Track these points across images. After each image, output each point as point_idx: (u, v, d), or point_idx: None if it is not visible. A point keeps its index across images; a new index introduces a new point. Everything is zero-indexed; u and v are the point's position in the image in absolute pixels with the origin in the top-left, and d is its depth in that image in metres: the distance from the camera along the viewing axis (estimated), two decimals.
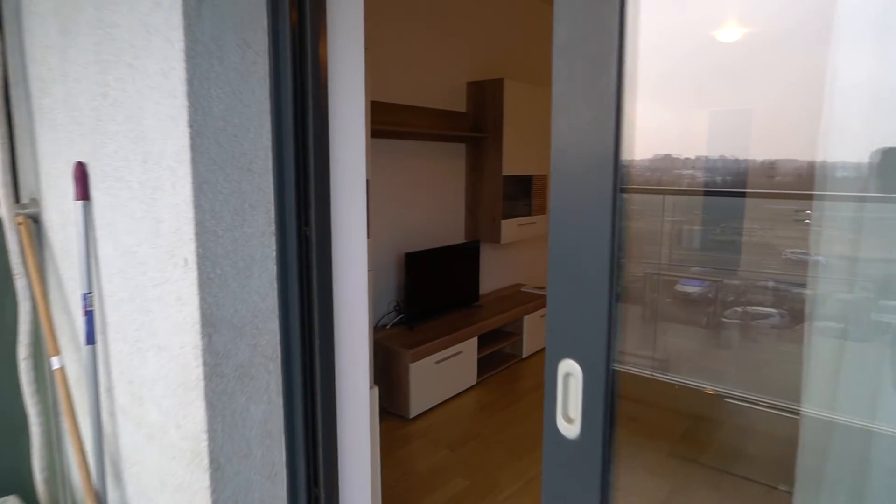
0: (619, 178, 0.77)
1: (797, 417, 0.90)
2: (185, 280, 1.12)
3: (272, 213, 1.20)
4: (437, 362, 3.19)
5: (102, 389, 1.46)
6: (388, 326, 3.37)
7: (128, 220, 1.26)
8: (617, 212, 0.78)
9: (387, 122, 3.27)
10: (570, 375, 0.89)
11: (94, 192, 1.36)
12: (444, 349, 3.21)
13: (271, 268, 1.21)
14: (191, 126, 1.06)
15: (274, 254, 1.21)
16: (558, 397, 0.91)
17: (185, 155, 1.07)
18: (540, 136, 4.23)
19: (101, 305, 1.41)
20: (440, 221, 3.82)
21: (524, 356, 4.03)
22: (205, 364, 1.12)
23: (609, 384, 0.83)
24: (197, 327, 1.11)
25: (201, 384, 1.13)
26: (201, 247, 1.09)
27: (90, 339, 1.41)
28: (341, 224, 1.33)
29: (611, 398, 0.84)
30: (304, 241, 1.21)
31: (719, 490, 1.87)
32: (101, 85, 1.26)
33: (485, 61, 4.06)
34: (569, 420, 0.90)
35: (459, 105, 3.85)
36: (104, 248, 1.36)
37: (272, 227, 1.20)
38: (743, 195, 1.78)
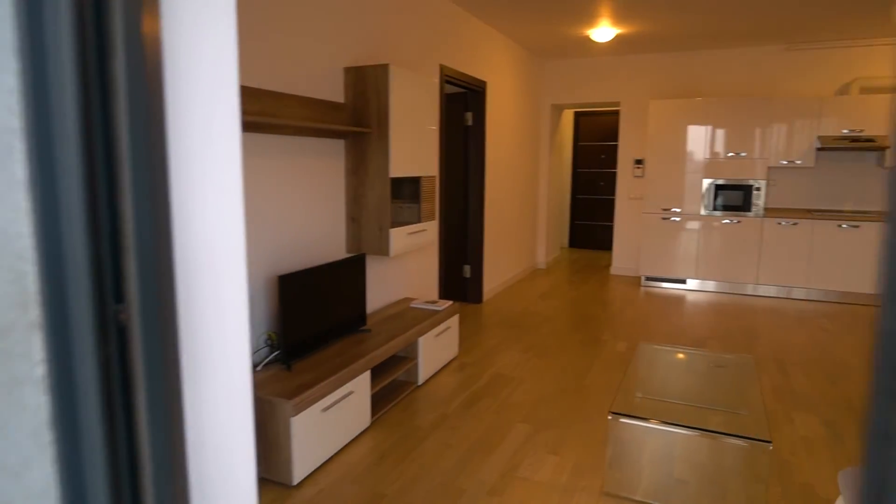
0: None
1: None
2: None
3: (29, 284, 0.58)
4: (325, 409, 2.59)
5: None
6: (260, 367, 2.70)
7: None
8: None
9: (248, 111, 2.60)
10: None
11: None
12: (332, 391, 2.63)
13: (40, 409, 0.59)
14: None
15: (40, 373, 0.59)
16: None
17: None
18: (429, 133, 3.76)
19: None
20: (318, 234, 3.20)
21: (420, 382, 3.55)
22: None
23: None
24: None
25: None
26: None
27: None
28: (201, 284, 0.74)
29: None
30: (110, 340, 0.60)
31: None
32: None
33: (366, 43, 3.50)
34: None
35: (336, 94, 3.25)
36: None
37: (30, 315, 0.58)
38: None
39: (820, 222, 5.65)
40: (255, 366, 2.73)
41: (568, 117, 8.98)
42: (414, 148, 3.50)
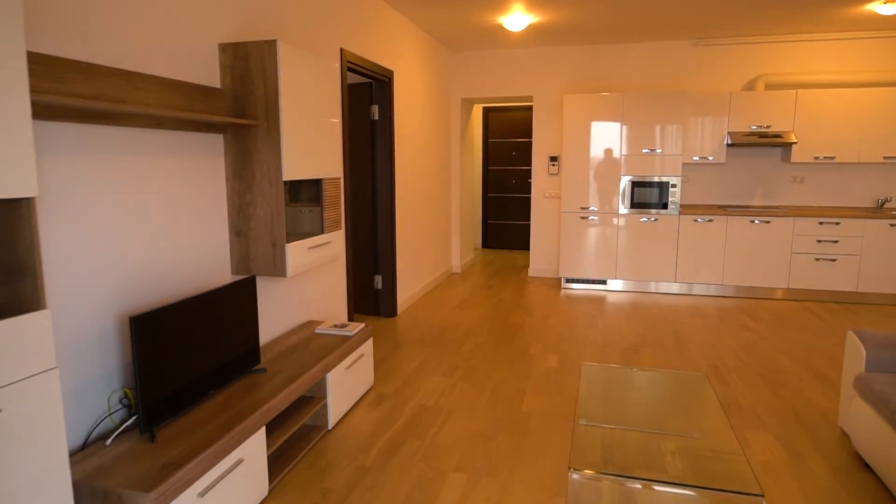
0: None
1: None
2: None
3: None
4: (202, 493, 1.95)
5: None
6: (111, 440, 2.01)
7: None
8: None
9: (80, 94, 1.90)
10: None
11: None
12: (213, 466, 1.99)
13: None
14: None
15: None
16: None
17: None
18: (330, 127, 3.17)
19: None
20: (191, 255, 2.52)
21: (331, 426, 2.96)
22: None
23: None
24: None
25: None
26: None
27: None
28: None
29: None
30: None
31: None
32: None
33: (248, 13, 2.85)
34: None
35: (210, 76, 2.59)
36: None
37: None
38: None
39: (734, 218, 5.62)
40: (100, 439, 2.03)
41: (477, 113, 8.62)
42: (312, 144, 2.90)
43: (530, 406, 3.24)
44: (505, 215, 8.75)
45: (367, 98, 4.77)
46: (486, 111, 8.58)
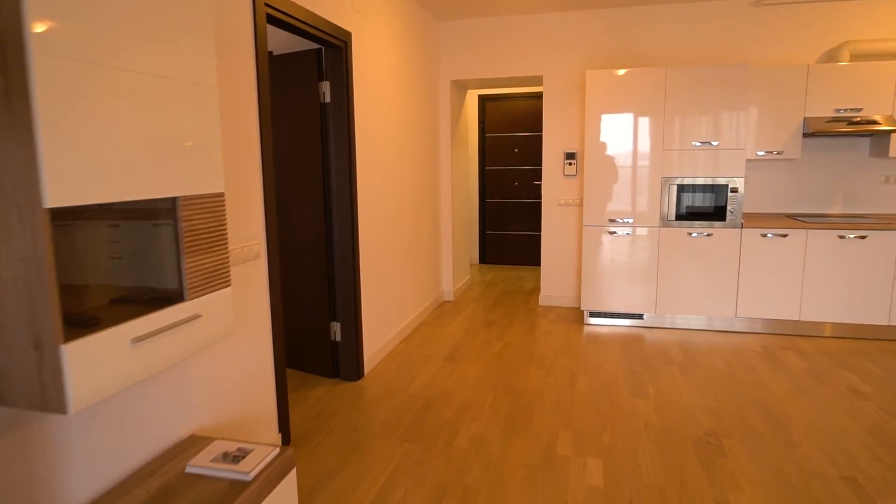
0: None
1: None
2: None
3: None
4: None
5: None
6: None
7: None
8: None
9: None
10: None
11: None
12: None
13: None
14: None
15: None
16: None
17: None
18: (192, 93, 1.72)
19: None
20: None
21: None
22: None
23: None
24: None
25: None
26: None
27: None
28: None
29: None
30: None
31: None
32: None
33: None
34: None
35: None
36: None
37: None
38: None
39: (816, 232, 4.21)
40: None
41: (471, 102, 7.19)
42: (138, 130, 1.45)
43: None
44: (506, 225, 7.32)
45: (313, 72, 3.33)
46: (483, 100, 7.15)
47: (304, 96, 3.38)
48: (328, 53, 3.30)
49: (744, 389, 3.39)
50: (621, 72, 4.39)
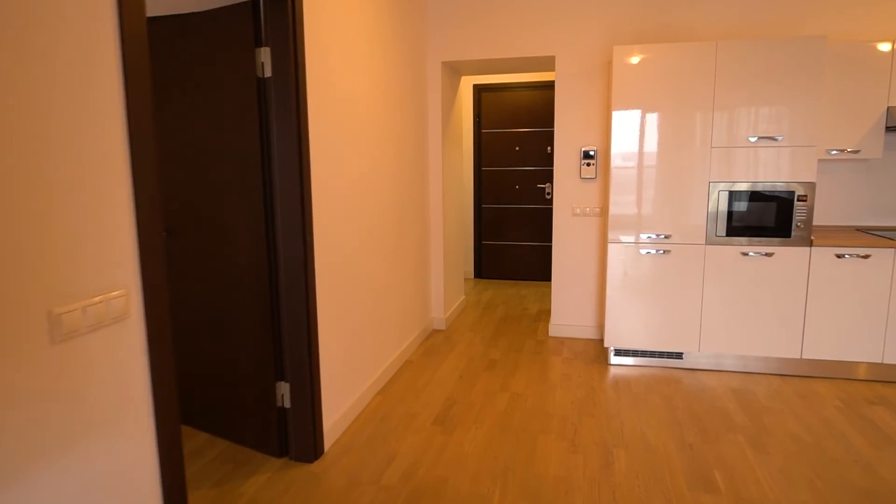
0: None
1: None
2: None
3: None
4: None
5: None
6: None
7: None
8: None
9: None
10: None
11: None
12: None
13: None
14: None
15: None
16: None
17: None
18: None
19: None
20: None
21: None
22: None
23: None
24: None
25: None
26: None
27: None
28: None
29: None
30: None
31: None
32: None
33: None
34: None
35: None
36: None
37: None
38: None
39: None
40: None
41: (466, 93, 6.24)
42: None
43: None
44: (505, 234, 6.38)
45: (246, 35, 2.36)
46: (479, 90, 6.20)
47: (233, 69, 2.41)
48: (268, 8, 2.33)
49: (843, 472, 2.46)
50: (660, 46, 3.45)
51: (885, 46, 3.40)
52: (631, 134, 3.56)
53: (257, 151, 2.42)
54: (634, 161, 3.58)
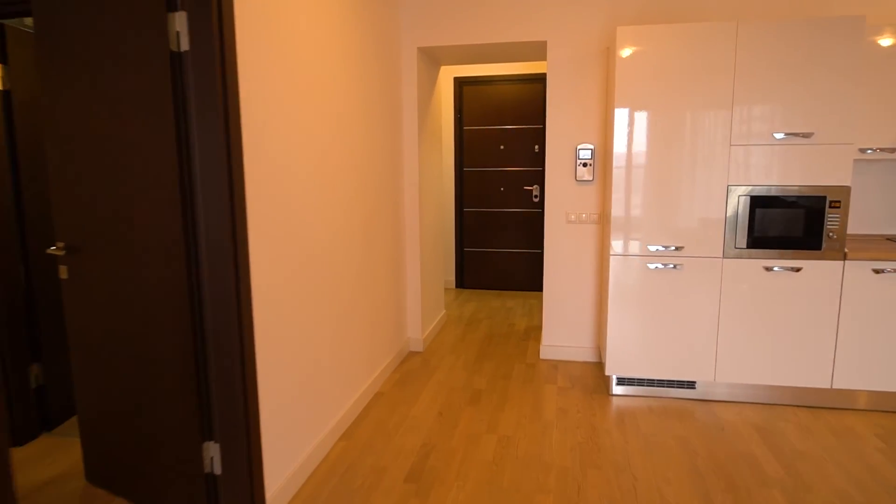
0: None
1: None
2: None
3: None
4: None
5: None
6: None
7: None
8: None
9: None
10: None
11: None
12: None
13: None
14: None
15: None
16: None
17: None
18: None
19: None
20: None
21: None
22: None
23: None
24: None
25: None
26: None
27: None
28: None
29: None
30: None
31: None
32: None
33: None
34: None
35: None
36: None
37: None
38: None
39: None
40: None
41: (445, 86, 5.72)
42: None
43: None
44: (489, 240, 5.87)
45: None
46: (460, 84, 5.68)
47: (140, 41, 1.85)
48: None
49: None
50: (668, 28, 2.96)
51: None
52: (635, 130, 3.07)
53: (173, 147, 1.86)
54: (640, 161, 3.08)
